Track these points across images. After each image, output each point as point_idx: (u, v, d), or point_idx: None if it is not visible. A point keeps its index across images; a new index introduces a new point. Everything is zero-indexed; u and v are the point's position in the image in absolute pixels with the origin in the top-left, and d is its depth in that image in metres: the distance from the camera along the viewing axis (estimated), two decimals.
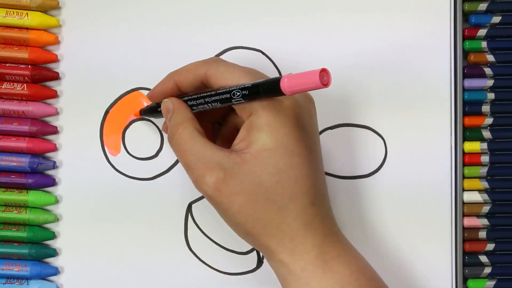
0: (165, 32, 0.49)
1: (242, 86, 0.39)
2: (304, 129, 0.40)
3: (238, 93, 0.39)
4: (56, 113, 0.48)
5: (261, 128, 0.39)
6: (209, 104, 0.41)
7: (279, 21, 0.49)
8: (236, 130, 0.42)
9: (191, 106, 0.42)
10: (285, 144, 0.39)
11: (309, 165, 0.40)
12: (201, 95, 0.41)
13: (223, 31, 0.49)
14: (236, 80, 0.40)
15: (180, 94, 0.44)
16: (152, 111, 0.46)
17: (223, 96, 0.40)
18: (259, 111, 0.39)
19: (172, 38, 0.49)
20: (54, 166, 0.48)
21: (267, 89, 0.37)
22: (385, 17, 0.49)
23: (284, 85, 0.36)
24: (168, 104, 0.43)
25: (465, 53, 0.49)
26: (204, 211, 0.48)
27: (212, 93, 0.40)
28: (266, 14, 0.49)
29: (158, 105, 0.45)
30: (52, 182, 0.48)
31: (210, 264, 0.48)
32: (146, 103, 0.49)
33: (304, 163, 0.40)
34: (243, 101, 0.39)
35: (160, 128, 0.49)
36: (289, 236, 0.40)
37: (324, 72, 0.35)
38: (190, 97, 0.43)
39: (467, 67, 0.49)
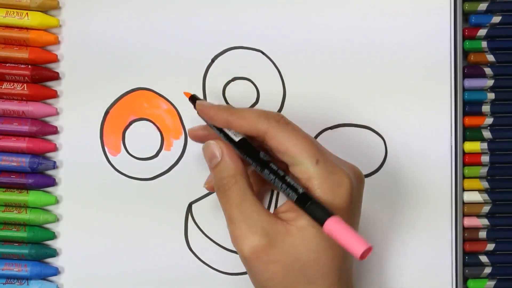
0: (166, 32, 0.49)
1: (298, 195, 0.39)
2: (351, 209, 0.41)
3: (292, 195, 0.39)
4: (56, 113, 0.48)
5: None
6: (262, 173, 0.41)
7: (279, 21, 0.49)
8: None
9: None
10: None
11: None
12: (265, 168, 0.40)
13: (223, 31, 0.49)
14: (297, 154, 0.39)
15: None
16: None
17: (282, 185, 0.40)
18: (317, 192, 0.39)
19: (172, 39, 0.49)
20: (54, 166, 0.48)
21: (311, 212, 0.38)
22: (385, 17, 0.49)
23: (327, 227, 0.37)
24: (214, 149, 0.41)
25: (465, 53, 0.49)
26: (204, 211, 0.48)
27: (279, 174, 0.40)
28: (266, 14, 0.49)
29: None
30: (52, 182, 0.48)
31: (210, 264, 0.48)
32: (146, 104, 0.49)
33: None
34: (291, 199, 0.40)
35: (160, 129, 0.49)
36: None
37: (368, 251, 0.36)
38: (250, 161, 0.41)
39: (467, 67, 0.49)
